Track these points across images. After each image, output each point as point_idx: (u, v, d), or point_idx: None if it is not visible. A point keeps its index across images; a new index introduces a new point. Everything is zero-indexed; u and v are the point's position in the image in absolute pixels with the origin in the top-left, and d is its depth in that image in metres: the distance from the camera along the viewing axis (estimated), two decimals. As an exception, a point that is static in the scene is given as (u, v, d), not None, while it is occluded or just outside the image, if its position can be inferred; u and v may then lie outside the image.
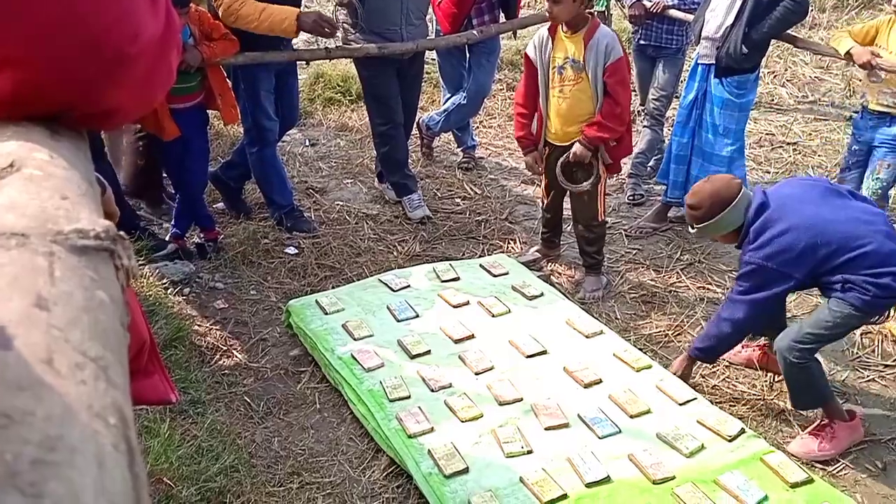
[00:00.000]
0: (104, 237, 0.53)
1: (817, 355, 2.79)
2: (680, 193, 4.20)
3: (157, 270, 3.71)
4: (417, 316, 3.37)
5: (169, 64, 0.84)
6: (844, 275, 2.61)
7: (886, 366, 3.32)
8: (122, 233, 0.58)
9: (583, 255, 3.83)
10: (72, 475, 0.29)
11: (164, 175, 4.30)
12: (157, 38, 0.79)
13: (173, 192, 4.09)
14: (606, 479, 2.52)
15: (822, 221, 2.64)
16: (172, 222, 3.96)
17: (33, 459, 0.29)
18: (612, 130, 3.46)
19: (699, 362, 3.08)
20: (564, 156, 3.60)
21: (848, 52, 3.72)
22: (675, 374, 3.02)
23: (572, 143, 3.53)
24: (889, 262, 2.58)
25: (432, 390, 2.93)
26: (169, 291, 3.61)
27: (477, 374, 3.03)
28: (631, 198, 4.67)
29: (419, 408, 2.82)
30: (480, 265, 3.79)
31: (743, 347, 3.12)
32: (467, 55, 4.84)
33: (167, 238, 3.95)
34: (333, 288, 3.66)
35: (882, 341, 3.46)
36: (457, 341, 3.21)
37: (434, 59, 5.40)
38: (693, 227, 2.93)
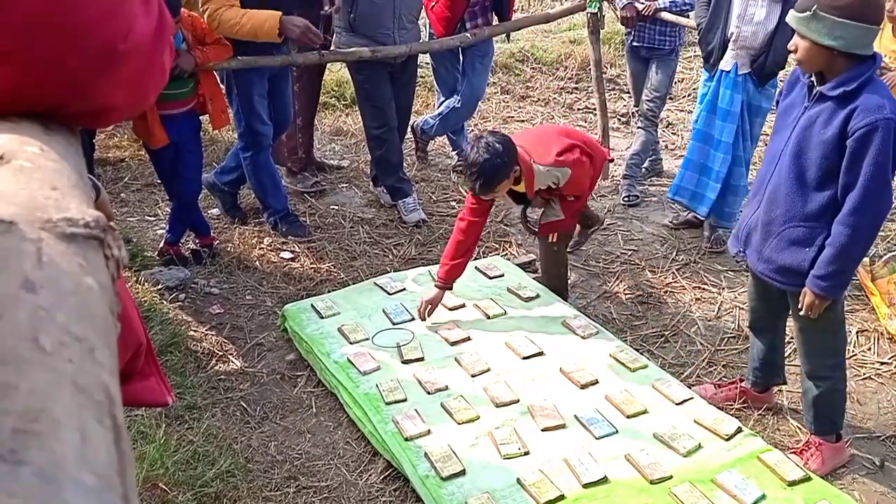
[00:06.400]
0: (93, 226, 0.53)
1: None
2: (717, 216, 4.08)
3: (153, 276, 3.71)
4: (413, 319, 3.37)
5: (162, 63, 0.84)
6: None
7: (883, 363, 3.32)
8: (111, 224, 0.58)
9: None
10: (54, 445, 0.29)
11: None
12: (150, 36, 0.78)
13: (167, 198, 4.09)
14: (604, 480, 2.52)
15: None
16: (167, 229, 3.95)
17: (14, 429, 0.29)
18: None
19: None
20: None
21: None
22: (814, 315, 2.51)
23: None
24: None
25: (428, 393, 2.93)
26: (164, 297, 3.60)
27: (473, 376, 3.02)
28: (626, 199, 4.68)
29: (415, 410, 2.81)
30: (476, 267, 3.79)
31: (719, 388, 3.09)
32: (461, 58, 4.85)
33: (161, 245, 3.94)
34: (329, 292, 3.66)
35: (878, 339, 3.47)
36: (453, 343, 3.21)
37: (428, 63, 5.41)
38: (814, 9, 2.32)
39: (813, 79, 2.44)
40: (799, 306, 2.52)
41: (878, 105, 2.28)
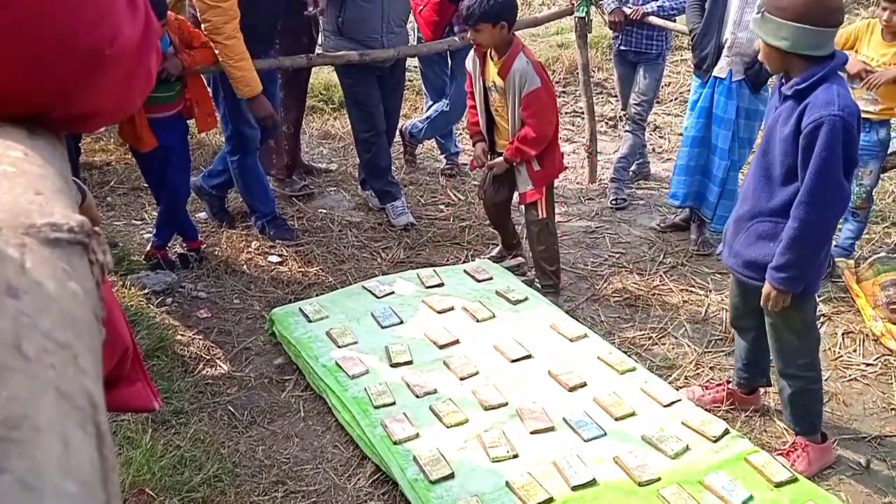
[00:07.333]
0: (78, 231, 0.53)
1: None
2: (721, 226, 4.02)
3: (139, 280, 3.68)
4: (402, 322, 3.37)
5: (148, 68, 0.84)
6: None
7: (868, 364, 3.35)
8: (96, 228, 0.58)
9: (540, 275, 3.78)
10: (35, 453, 0.29)
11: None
12: (136, 41, 0.78)
13: (155, 202, 4.07)
14: (592, 482, 2.52)
15: None
16: (154, 233, 3.93)
17: (-5, 436, 0.28)
18: (526, 153, 3.49)
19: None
20: (488, 173, 3.75)
21: None
22: (773, 308, 2.55)
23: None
24: None
25: (417, 396, 2.92)
26: (151, 301, 3.58)
27: (462, 379, 3.02)
28: (614, 202, 4.70)
29: (404, 414, 2.81)
30: (464, 271, 3.79)
31: (706, 390, 3.09)
32: (449, 62, 4.86)
33: (148, 248, 3.92)
34: (317, 296, 3.65)
35: (864, 341, 3.49)
36: (441, 347, 3.21)
37: (416, 67, 5.41)
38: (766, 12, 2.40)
39: (783, 79, 2.48)
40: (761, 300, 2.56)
41: (826, 101, 2.32)
